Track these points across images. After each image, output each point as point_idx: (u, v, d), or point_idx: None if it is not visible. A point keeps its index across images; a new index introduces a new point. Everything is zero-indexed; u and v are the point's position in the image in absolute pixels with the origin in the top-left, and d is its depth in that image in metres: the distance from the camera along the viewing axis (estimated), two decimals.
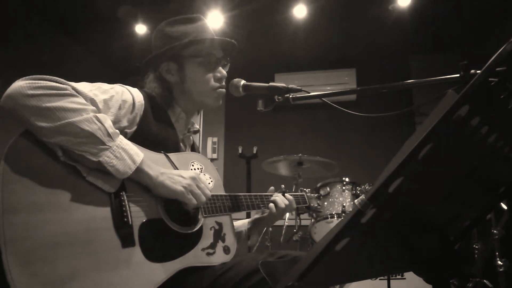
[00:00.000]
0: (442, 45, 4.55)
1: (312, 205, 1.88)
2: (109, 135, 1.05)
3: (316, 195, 1.94)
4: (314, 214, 2.91)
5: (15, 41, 3.61)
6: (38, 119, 0.98)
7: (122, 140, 1.09)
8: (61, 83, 1.05)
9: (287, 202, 1.57)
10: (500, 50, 0.54)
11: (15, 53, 3.54)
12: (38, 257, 0.91)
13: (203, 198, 1.22)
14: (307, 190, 1.94)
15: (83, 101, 1.07)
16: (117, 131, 1.10)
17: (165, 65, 1.41)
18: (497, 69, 0.54)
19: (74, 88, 1.08)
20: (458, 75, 1.12)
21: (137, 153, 1.11)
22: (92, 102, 1.12)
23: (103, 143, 1.04)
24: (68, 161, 1.02)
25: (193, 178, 1.21)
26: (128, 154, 1.08)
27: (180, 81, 1.41)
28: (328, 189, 1.94)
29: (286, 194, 1.60)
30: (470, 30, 4.23)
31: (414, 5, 3.79)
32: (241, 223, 1.63)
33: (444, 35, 4.35)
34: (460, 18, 3.99)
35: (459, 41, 4.41)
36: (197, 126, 1.57)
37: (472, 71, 1.10)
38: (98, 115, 1.06)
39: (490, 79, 0.54)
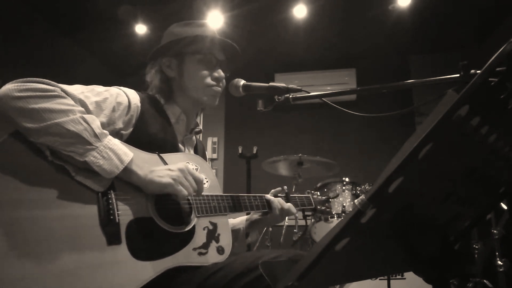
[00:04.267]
0: (442, 45, 4.55)
1: (319, 207, 1.81)
2: (96, 135, 1.06)
3: (324, 197, 1.86)
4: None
5: (15, 41, 3.61)
6: (25, 120, 0.99)
7: (110, 141, 1.09)
8: (49, 85, 1.05)
9: (279, 206, 1.52)
10: (500, 50, 0.54)
11: (15, 53, 3.54)
12: (21, 253, 0.92)
13: (192, 189, 1.19)
14: (314, 193, 1.85)
15: (71, 102, 1.07)
16: (105, 131, 1.10)
17: (167, 60, 1.44)
18: (497, 69, 0.54)
19: (63, 90, 1.08)
20: (458, 75, 1.11)
21: (126, 153, 1.10)
22: (82, 103, 1.12)
23: (90, 144, 1.04)
24: (56, 161, 1.03)
25: (181, 170, 1.19)
26: (116, 154, 1.08)
27: (178, 76, 1.43)
28: (337, 191, 1.90)
29: (279, 199, 1.55)
30: (470, 30, 4.23)
31: (414, 5, 3.79)
32: (239, 221, 1.61)
33: (444, 35, 4.35)
34: (460, 18, 4.00)
35: (459, 41, 4.42)
36: (200, 127, 1.56)
37: (472, 71, 1.10)
38: (85, 116, 1.06)
39: (490, 79, 0.54)
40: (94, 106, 1.15)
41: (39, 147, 1.02)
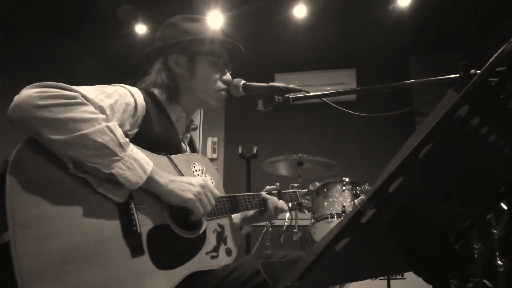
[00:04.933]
0: (442, 45, 4.55)
1: (303, 201, 1.88)
2: (120, 145, 1.03)
3: (305, 190, 1.94)
4: (312, 213, 2.91)
5: (15, 41, 3.61)
6: (50, 132, 0.94)
7: (133, 150, 1.07)
8: (70, 91, 1.02)
9: (274, 205, 1.56)
10: (500, 50, 0.54)
11: (15, 53, 3.54)
12: (50, 272, 0.89)
13: (209, 208, 1.22)
14: (296, 185, 1.94)
15: (93, 109, 1.05)
16: (127, 140, 1.08)
17: (175, 56, 1.40)
18: (497, 69, 0.54)
19: (83, 95, 1.05)
20: (458, 75, 1.11)
21: (147, 162, 1.09)
22: (101, 109, 1.10)
23: (116, 154, 1.01)
24: (78, 173, 1.00)
25: (203, 186, 1.21)
26: (139, 164, 1.06)
27: (188, 75, 1.41)
28: (317, 184, 1.94)
29: (273, 198, 1.59)
30: (470, 30, 4.22)
31: (414, 5, 3.79)
32: (234, 216, 1.62)
33: (444, 35, 4.35)
34: (460, 18, 3.99)
35: (459, 41, 4.41)
36: (196, 123, 1.56)
37: (472, 71, 1.09)
38: (109, 124, 1.04)
39: (490, 79, 0.55)
40: (109, 110, 1.13)
41: (58, 157, 0.98)
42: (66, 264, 0.92)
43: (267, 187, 1.67)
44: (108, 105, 1.13)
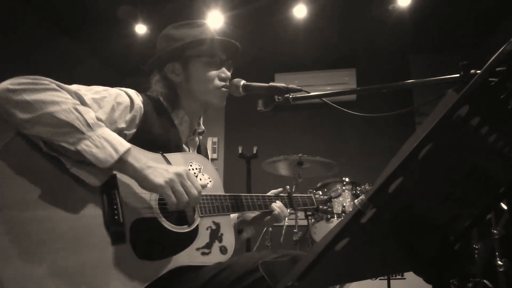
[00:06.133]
0: (442, 45, 4.55)
1: (321, 207, 1.83)
2: (88, 125, 1.02)
3: (327, 197, 1.88)
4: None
5: (15, 41, 3.61)
6: (18, 112, 0.99)
7: (105, 131, 1.05)
8: (45, 80, 1.05)
9: (279, 210, 1.51)
10: (500, 50, 0.54)
11: (15, 53, 3.54)
12: (23, 253, 0.92)
13: (185, 198, 1.10)
14: (316, 192, 1.89)
15: (66, 95, 1.06)
16: (100, 123, 1.06)
17: (170, 65, 1.43)
18: (497, 69, 0.54)
19: (58, 85, 1.07)
20: (458, 75, 1.11)
21: (122, 144, 1.05)
22: (78, 96, 1.11)
23: (82, 133, 1.01)
24: (51, 152, 1.02)
25: (178, 174, 1.10)
26: (111, 143, 1.03)
27: (185, 80, 1.43)
28: (338, 191, 1.90)
29: (278, 201, 1.56)
30: (470, 30, 4.23)
31: (414, 5, 3.79)
32: (231, 217, 1.59)
33: (444, 35, 4.35)
34: (460, 18, 3.99)
35: (459, 41, 4.42)
36: (203, 127, 1.57)
37: (472, 71, 1.09)
38: (78, 106, 1.04)
39: (490, 79, 0.54)
40: (91, 102, 1.14)
41: (35, 142, 1.02)
42: (41, 247, 0.94)
43: (274, 190, 1.63)
44: (91, 97, 1.15)
